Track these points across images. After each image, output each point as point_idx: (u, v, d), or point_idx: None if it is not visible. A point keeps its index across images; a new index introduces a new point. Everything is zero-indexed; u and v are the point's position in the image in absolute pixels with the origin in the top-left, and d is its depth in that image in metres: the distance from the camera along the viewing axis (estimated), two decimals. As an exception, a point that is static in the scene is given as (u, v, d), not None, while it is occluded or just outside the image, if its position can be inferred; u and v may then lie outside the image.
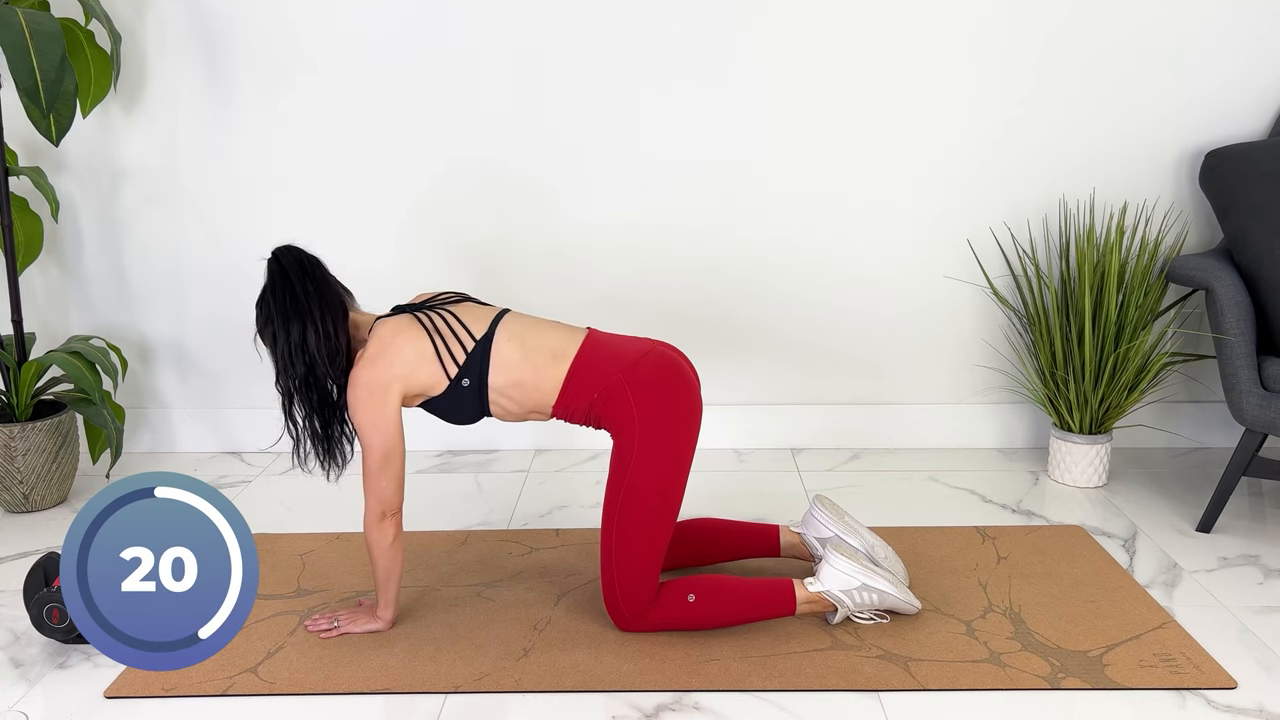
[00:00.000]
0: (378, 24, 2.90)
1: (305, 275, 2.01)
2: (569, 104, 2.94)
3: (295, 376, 2.00)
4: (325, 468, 2.09)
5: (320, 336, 1.99)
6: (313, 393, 2.01)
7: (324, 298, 2.01)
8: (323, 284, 2.02)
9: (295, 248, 2.05)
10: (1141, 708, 1.87)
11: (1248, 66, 2.89)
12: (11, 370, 2.76)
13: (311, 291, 2.00)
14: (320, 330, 1.99)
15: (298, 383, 2.00)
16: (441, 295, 2.16)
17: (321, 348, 1.99)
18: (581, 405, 2.05)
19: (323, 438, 2.06)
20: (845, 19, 2.88)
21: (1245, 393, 2.47)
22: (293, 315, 1.98)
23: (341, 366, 2.03)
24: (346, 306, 2.07)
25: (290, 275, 2.00)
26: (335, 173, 2.99)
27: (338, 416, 2.07)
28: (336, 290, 2.06)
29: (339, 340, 2.02)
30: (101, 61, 2.79)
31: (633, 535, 2.01)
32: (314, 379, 2.00)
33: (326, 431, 2.06)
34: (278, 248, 2.05)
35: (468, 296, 2.18)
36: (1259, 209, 2.60)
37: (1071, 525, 2.61)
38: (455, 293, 2.17)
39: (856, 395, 3.16)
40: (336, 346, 2.01)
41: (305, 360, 1.99)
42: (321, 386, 2.01)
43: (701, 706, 1.88)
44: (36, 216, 2.88)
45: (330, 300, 2.02)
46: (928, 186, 3.00)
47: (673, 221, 3.02)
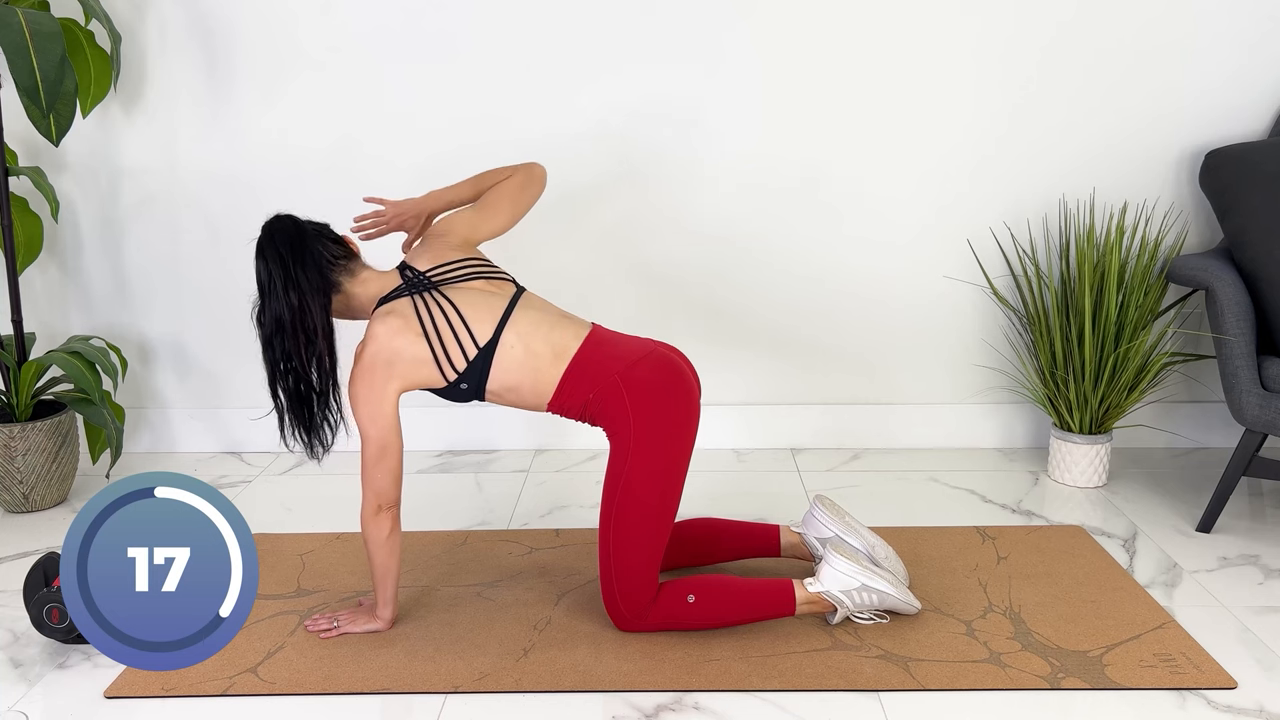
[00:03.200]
0: (378, 23, 2.90)
1: (291, 251, 1.98)
2: (569, 104, 2.94)
3: (275, 355, 1.99)
4: (308, 448, 2.07)
5: (296, 318, 1.96)
6: (289, 374, 2.00)
7: (306, 276, 1.98)
8: (306, 260, 1.99)
9: (287, 217, 2.03)
10: (1141, 708, 1.87)
11: (1248, 66, 2.89)
12: (11, 370, 2.76)
13: (292, 269, 1.97)
14: (296, 312, 1.96)
15: (278, 363, 2.00)
16: (456, 264, 2.10)
17: (298, 330, 1.96)
18: (576, 403, 2.05)
19: (304, 418, 2.04)
20: (846, 15, 2.88)
21: (1245, 393, 2.47)
22: (270, 294, 1.97)
23: (322, 350, 1.99)
24: (330, 286, 2.02)
25: (276, 249, 1.98)
26: (335, 172, 2.99)
27: (319, 398, 2.04)
28: (322, 268, 2.01)
29: (316, 319, 1.98)
30: (101, 61, 2.79)
31: (630, 535, 2.01)
32: (293, 360, 1.99)
33: (307, 411, 2.04)
34: (269, 218, 2.03)
35: (480, 270, 2.12)
36: (1259, 209, 2.60)
37: (1071, 525, 2.61)
38: (470, 261, 2.12)
39: (857, 395, 3.16)
40: (313, 327, 1.97)
41: (282, 342, 1.98)
42: (298, 368, 1.99)
43: (701, 706, 1.88)
44: (36, 216, 2.88)
45: (311, 280, 1.98)
46: (928, 186, 3.00)
47: (672, 219, 3.02)
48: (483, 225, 2.22)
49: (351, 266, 2.09)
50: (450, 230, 2.19)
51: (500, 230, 2.24)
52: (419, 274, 2.08)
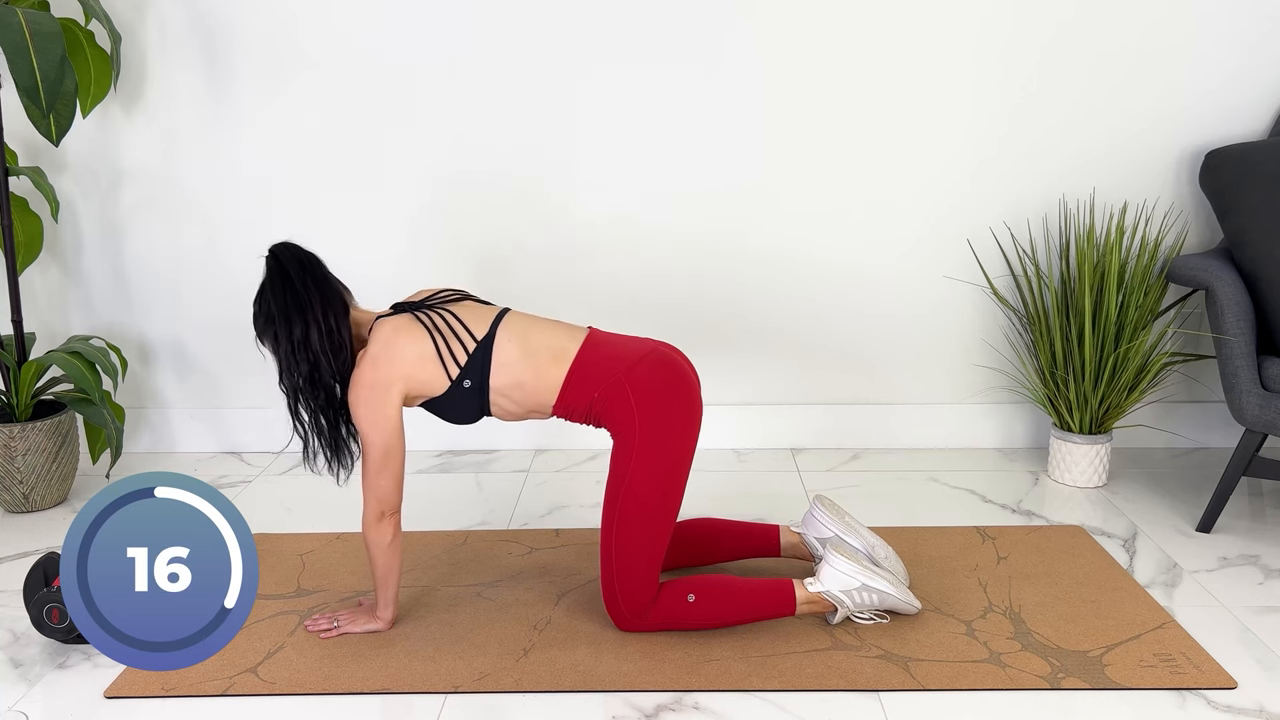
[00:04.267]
0: (378, 23, 2.90)
1: (305, 272, 2.00)
2: (568, 104, 2.94)
3: (299, 375, 1.99)
4: (333, 468, 2.08)
5: (323, 333, 1.98)
6: (318, 390, 2.00)
7: (324, 294, 2.00)
8: (322, 280, 2.01)
9: (292, 244, 2.05)
10: (1141, 708, 1.87)
11: (1248, 66, 2.89)
12: (11, 370, 2.76)
13: (312, 287, 1.99)
14: (323, 326, 1.98)
15: (302, 381, 1.99)
16: (441, 293, 2.15)
17: (325, 344, 1.98)
18: (581, 405, 2.05)
19: (330, 437, 2.05)
20: (846, 16, 2.88)
21: (1245, 393, 2.47)
22: (294, 312, 1.98)
23: (345, 363, 2.02)
24: (347, 302, 2.06)
25: (290, 272, 1.99)
26: (335, 172, 2.99)
27: (344, 415, 2.06)
28: (336, 286, 2.05)
29: (342, 335, 2.01)
30: (101, 61, 2.79)
31: (632, 535, 2.01)
32: (318, 376, 1.99)
33: (334, 430, 2.05)
34: (275, 245, 2.04)
35: (468, 294, 2.17)
36: (1259, 209, 2.60)
37: (1071, 525, 2.61)
38: (455, 290, 2.17)
39: (857, 395, 3.16)
40: (340, 341, 2.00)
41: (309, 358, 1.98)
42: (326, 384, 2.00)
43: (701, 706, 1.88)
44: (36, 216, 2.88)
45: (331, 296, 2.01)
46: (928, 186, 3.00)
47: (672, 221, 3.02)
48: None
49: (349, 296, 2.12)
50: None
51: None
52: (411, 303, 2.11)
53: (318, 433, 2.04)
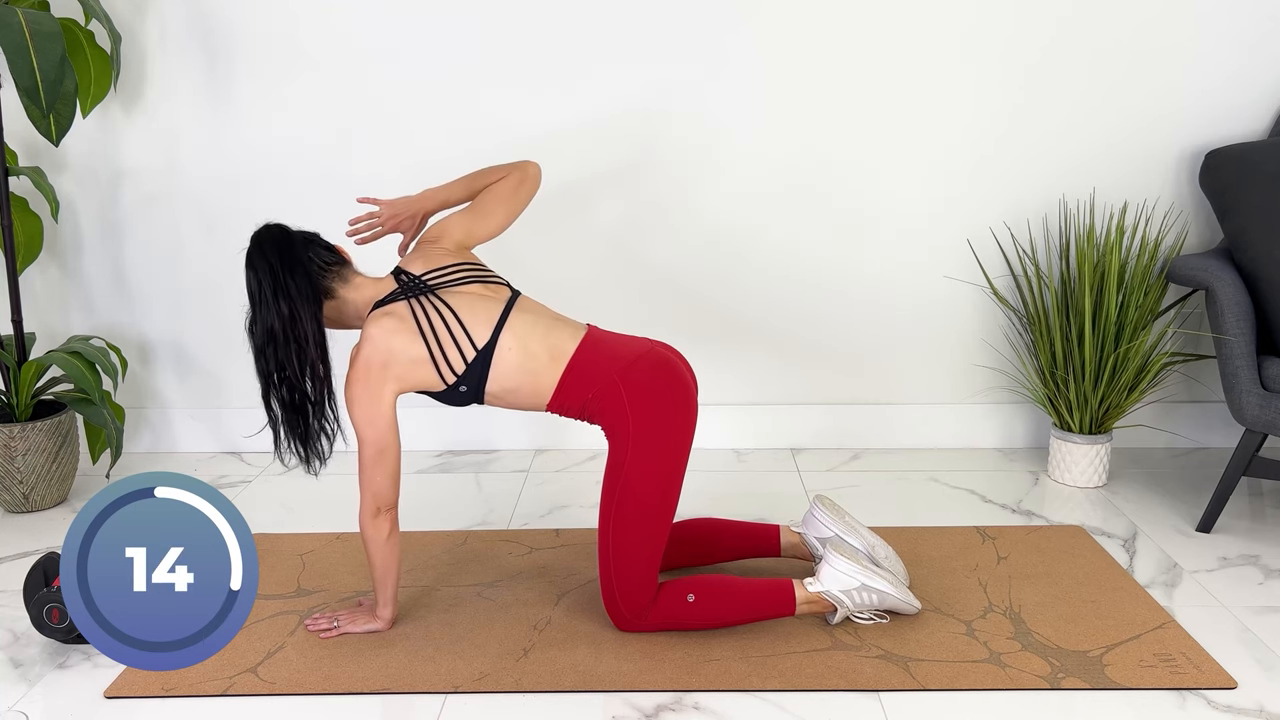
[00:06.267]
0: (378, 23, 2.90)
1: (281, 259, 1.96)
2: (570, 105, 2.94)
3: (268, 367, 1.97)
4: (304, 460, 2.05)
5: (287, 326, 1.94)
6: (283, 384, 1.98)
7: (296, 283, 1.96)
8: (296, 267, 1.97)
9: (276, 227, 2.02)
10: (1141, 708, 1.87)
11: (1248, 66, 2.89)
12: (11, 370, 2.76)
13: (282, 276, 1.95)
14: (287, 320, 1.94)
15: (271, 374, 1.98)
16: (450, 268, 2.10)
17: (289, 339, 1.95)
18: (576, 403, 2.05)
19: (300, 430, 2.02)
20: (846, 17, 2.88)
21: (1245, 393, 2.47)
22: (260, 304, 1.96)
23: (314, 358, 1.98)
24: (321, 293, 2.01)
25: (265, 257, 1.96)
26: (335, 172, 2.99)
27: (314, 408, 2.02)
28: (312, 274, 1.99)
29: (307, 327, 1.96)
30: (101, 61, 2.79)
31: (630, 534, 2.01)
32: (286, 370, 1.97)
33: (304, 423, 2.02)
34: (258, 228, 2.02)
35: (476, 274, 2.11)
36: (1259, 209, 2.60)
37: (1071, 525, 2.61)
38: (465, 265, 2.11)
39: (857, 395, 3.16)
40: (303, 334, 1.95)
41: (274, 352, 1.96)
42: (291, 377, 1.97)
43: (701, 706, 1.88)
44: (36, 216, 2.88)
45: (301, 287, 1.96)
46: (927, 186, 3.00)
47: (672, 220, 3.02)
48: (477, 229, 2.22)
49: (344, 273, 2.08)
50: (444, 234, 2.19)
51: (495, 233, 2.24)
52: (414, 278, 2.07)
53: (287, 424, 2.02)
